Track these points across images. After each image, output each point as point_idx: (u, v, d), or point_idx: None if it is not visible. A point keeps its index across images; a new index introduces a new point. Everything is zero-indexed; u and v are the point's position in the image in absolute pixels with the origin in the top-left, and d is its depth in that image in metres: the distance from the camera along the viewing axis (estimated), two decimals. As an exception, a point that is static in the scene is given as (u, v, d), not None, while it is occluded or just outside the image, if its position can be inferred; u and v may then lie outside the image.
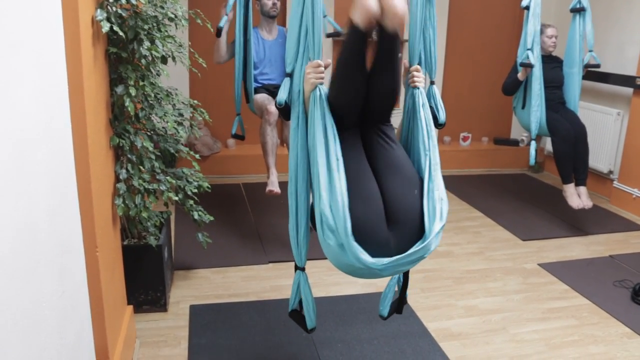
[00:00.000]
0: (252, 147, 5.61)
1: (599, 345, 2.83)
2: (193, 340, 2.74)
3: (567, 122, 4.29)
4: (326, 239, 1.80)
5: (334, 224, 1.76)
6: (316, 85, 1.84)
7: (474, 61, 5.98)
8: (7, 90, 1.26)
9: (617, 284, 3.46)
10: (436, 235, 1.81)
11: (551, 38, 4.38)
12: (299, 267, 2.13)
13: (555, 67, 4.46)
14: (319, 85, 1.84)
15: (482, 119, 6.26)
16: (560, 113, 4.37)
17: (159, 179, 2.75)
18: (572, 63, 4.34)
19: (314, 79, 1.84)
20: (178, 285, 3.28)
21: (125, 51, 2.40)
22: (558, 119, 4.30)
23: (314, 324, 2.18)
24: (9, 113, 1.26)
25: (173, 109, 2.98)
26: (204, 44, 4.80)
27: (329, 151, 1.80)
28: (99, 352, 2.11)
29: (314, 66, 1.85)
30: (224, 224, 4.19)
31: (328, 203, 1.77)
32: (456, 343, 2.80)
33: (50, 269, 1.53)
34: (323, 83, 1.85)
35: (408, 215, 1.86)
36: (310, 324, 2.17)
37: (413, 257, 1.77)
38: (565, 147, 4.25)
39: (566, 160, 4.28)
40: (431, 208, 1.84)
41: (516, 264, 3.76)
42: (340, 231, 1.74)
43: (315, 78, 1.84)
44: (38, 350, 1.41)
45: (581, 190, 4.33)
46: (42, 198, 1.48)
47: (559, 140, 4.27)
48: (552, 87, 4.39)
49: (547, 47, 4.39)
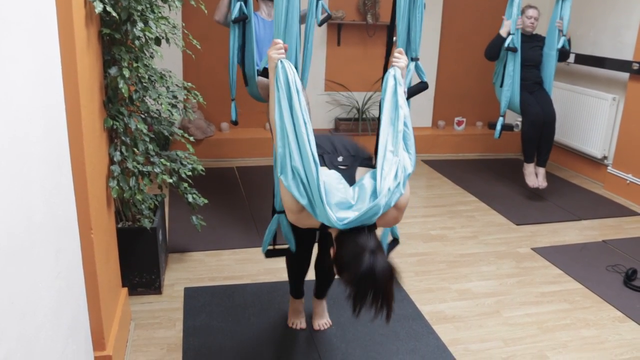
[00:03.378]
0: (246, 130, 5.60)
1: (591, 329, 2.86)
2: (187, 322, 2.75)
3: (538, 106, 4.50)
4: (297, 196, 1.92)
5: (307, 182, 1.89)
6: (278, 59, 1.97)
7: (469, 45, 5.95)
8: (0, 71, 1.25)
9: (610, 269, 3.48)
10: (389, 192, 1.89)
11: (530, 19, 4.61)
12: (277, 211, 2.39)
13: (535, 46, 4.64)
14: (280, 59, 1.97)
15: (477, 103, 6.26)
16: (535, 95, 4.56)
17: (153, 162, 2.74)
18: (551, 45, 4.55)
19: (275, 54, 1.98)
20: (172, 268, 3.28)
21: (119, 32, 2.37)
22: (531, 102, 4.51)
23: (294, 246, 2.46)
24: (1, 94, 1.25)
25: (167, 92, 2.96)
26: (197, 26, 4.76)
27: (297, 116, 1.92)
28: (95, 333, 2.12)
29: (273, 44, 2.01)
30: (218, 207, 4.19)
31: (301, 163, 1.89)
32: (450, 326, 2.82)
33: (45, 250, 1.53)
34: (284, 58, 1.99)
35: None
36: (292, 247, 2.46)
37: (369, 214, 1.87)
38: (532, 131, 4.56)
39: (531, 142, 4.62)
40: (386, 169, 1.93)
41: (510, 248, 3.78)
42: (314, 191, 1.87)
43: (276, 54, 1.98)
44: (34, 331, 1.41)
45: (540, 170, 4.70)
46: (36, 179, 1.47)
47: (528, 123, 4.56)
48: (529, 66, 4.57)
49: (526, 27, 4.60)
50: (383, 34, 5.81)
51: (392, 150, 1.98)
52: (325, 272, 2.66)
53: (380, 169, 1.94)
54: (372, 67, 5.84)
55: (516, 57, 4.36)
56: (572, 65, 5.51)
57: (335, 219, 1.84)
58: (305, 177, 1.89)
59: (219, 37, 5.05)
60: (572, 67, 5.54)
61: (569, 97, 5.49)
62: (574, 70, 5.53)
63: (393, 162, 1.95)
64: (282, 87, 1.94)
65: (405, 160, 1.99)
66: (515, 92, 4.46)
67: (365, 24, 5.67)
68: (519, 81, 4.44)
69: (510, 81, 4.43)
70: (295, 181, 1.91)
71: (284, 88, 1.94)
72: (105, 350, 2.19)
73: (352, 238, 1.86)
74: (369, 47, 5.83)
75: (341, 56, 5.76)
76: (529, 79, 4.57)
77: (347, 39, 5.74)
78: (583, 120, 5.30)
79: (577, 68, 5.50)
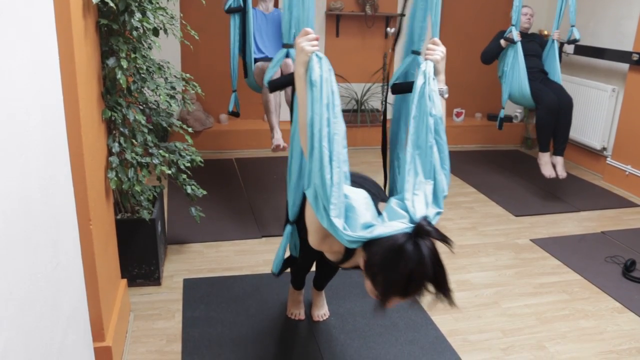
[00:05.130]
0: (245, 122, 5.59)
1: (590, 320, 2.86)
2: (187, 313, 2.75)
3: (552, 93, 4.40)
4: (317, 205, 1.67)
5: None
6: (312, 52, 1.67)
7: (468, 37, 5.93)
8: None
9: (608, 260, 3.49)
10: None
11: (526, 15, 4.63)
12: (290, 222, 2.23)
13: (531, 40, 4.66)
14: (315, 52, 1.67)
15: (476, 94, 6.25)
16: (545, 84, 4.49)
17: (151, 153, 2.74)
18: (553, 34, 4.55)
19: (308, 45, 1.67)
20: (171, 260, 3.28)
21: (116, 23, 2.36)
22: (542, 89, 4.42)
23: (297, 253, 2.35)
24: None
25: (165, 83, 2.95)
26: (195, 17, 4.75)
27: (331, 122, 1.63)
28: (94, 324, 2.12)
29: (303, 33, 1.70)
30: (217, 198, 4.18)
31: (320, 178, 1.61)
32: (448, 317, 2.83)
33: (44, 241, 1.52)
34: (318, 50, 1.69)
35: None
36: (294, 253, 2.35)
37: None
38: (548, 117, 4.38)
39: (547, 129, 4.43)
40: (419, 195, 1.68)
41: (509, 239, 3.78)
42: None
43: (309, 46, 1.67)
44: (34, 321, 1.41)
45: (558, 160, 4.48)
46: (34, 171, 1.47)
47: (543, 109, 4.39)
48: (530, 56, 4.55)
49: (522, 24, 4.61)
50: (382, 25, 5.80)
51: (422, 171, 1.71)
52: (327, 266, 2.54)
53: (411, 193, 1.66)
54: (370, 58, 5.83)
55: (517, 50, 4.32)
56: (572, 56, 5.50)
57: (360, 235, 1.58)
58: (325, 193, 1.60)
59: (217, 29, 5.04)
60: (571, 58, 5.52)
61: (568, 88, 5.41)
62: (574, 61, 5.52)
63: (427, 185, 1.69)
64: (318, 85, 1.62)
65: (442, 183, 1.72)
66: (524, 84, 4.35)
67: (364, 15, 5.65)
68: (526, 73, 4.36)
69: (513, 73, 4.40)
70: (316, 201, 1.64)
71: (320, 87, 1.62)
72: (104, 341, 2.19)
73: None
74: (368, 38, 5.81)
75: (340, 47, 5.74)
76: (532, 67, 4.52)
77: (346, 30, 5.72)
78: (582, 111, 5.29)
79: (576, 59, 5.49)
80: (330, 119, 1.62)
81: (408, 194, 1.66)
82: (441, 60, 1.86)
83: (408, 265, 1.47)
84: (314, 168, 1.62)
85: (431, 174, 1.72)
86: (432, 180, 1.71)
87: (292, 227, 2.26)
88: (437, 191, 1.71)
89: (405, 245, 1.48)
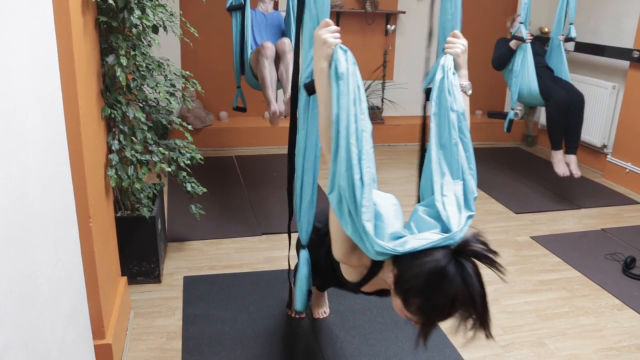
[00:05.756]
0: (245, 119, 5.59)
1: (590, 317, 2.86)
2: (187, 310, 2.75)
3: (562, 90, 4.31)
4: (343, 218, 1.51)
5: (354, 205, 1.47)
6: (335, 44, 1.53)
7: (469, 34, 5.88)
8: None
9: (608, 257, 3.49)
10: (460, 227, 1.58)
11: (519, 16, 4.50)
12: (303, 246, 1.98)
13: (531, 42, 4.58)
14: (339, 45, 1.53)
15: (476, 92, 6.13)
16: (553, 82, 4.42)
17: (151, 151, 2.74)
18: (558, 33, 4.47)
19: (331, 37, 1.53)
20: (171, 257, 3.28)
21: (116, 20, 2.35)
22: (551, 85, 4.34)
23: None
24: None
25: (165, 80, 2.95)
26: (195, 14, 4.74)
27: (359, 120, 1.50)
28: (94, 322, 2.12)
29: (324, 24, 1.56)
30: (216, 196, 4.18)
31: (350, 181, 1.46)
32: (448, 314, 2.83)
33: (44, 239, 1.52)
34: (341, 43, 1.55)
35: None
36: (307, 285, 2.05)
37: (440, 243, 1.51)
38: (558, 114, 4.26)
39: (559, 127, 4.31)
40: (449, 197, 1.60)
41: (509, 236, 3.78)
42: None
43: (332, 38, 1.53)
44: (34, 319, 1.41)
45: (571, 158, 4.35)
46: (34, 168, 1.47)
47: (553, 106, 4.28)
48: (534, 54, 4.46)
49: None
50: (382, 22, 5.79)
51: (449, 172, 1.62)
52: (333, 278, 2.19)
53: (440, 194, 1.58)
54: (371, 56, 5.82)
55: (526, 50, 4.26)
56: (572, 54, 5.49)
57: (391, 247, 1.46)
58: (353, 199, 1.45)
59: (217, 26, 5.03)
60: (571, 55, 5.51)
61: (568, 85, 5.47)
62: (574, 59, 5.51)
63: (456, 186, 1.60)
64: (345, 79, 1.48)
65: (471, 183, 1.62)
66: (533, 83, 4.27)
67: (364, 12, 5.64)
68: (535, 71, 4.29)
69: (522, 73, 4.31)
70: (340, 206, 1.49)
71: (347, 81, 1.48)
72: (104, 338, 2.19)
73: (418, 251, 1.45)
74: (368, 35, 5.80)
75: (340, 44, 5.73)
76: (539, 64, 4.46)
77: (346, 27, 5.71)
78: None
79: (576, 56, 5.48)
80: (357, 114, 1.48)
81: (437, 194, 1.58)
82: (462, 53, 1.75)
83: (452, 287, 1.36)
84: (340, 169, 1.46)
85: (459, 174, 1.61)
86: (460, 181, 1.61)
87: (308, 252, 1.99)
88: (467, 192, 1.61)
89: (447, 267, 1.37)
